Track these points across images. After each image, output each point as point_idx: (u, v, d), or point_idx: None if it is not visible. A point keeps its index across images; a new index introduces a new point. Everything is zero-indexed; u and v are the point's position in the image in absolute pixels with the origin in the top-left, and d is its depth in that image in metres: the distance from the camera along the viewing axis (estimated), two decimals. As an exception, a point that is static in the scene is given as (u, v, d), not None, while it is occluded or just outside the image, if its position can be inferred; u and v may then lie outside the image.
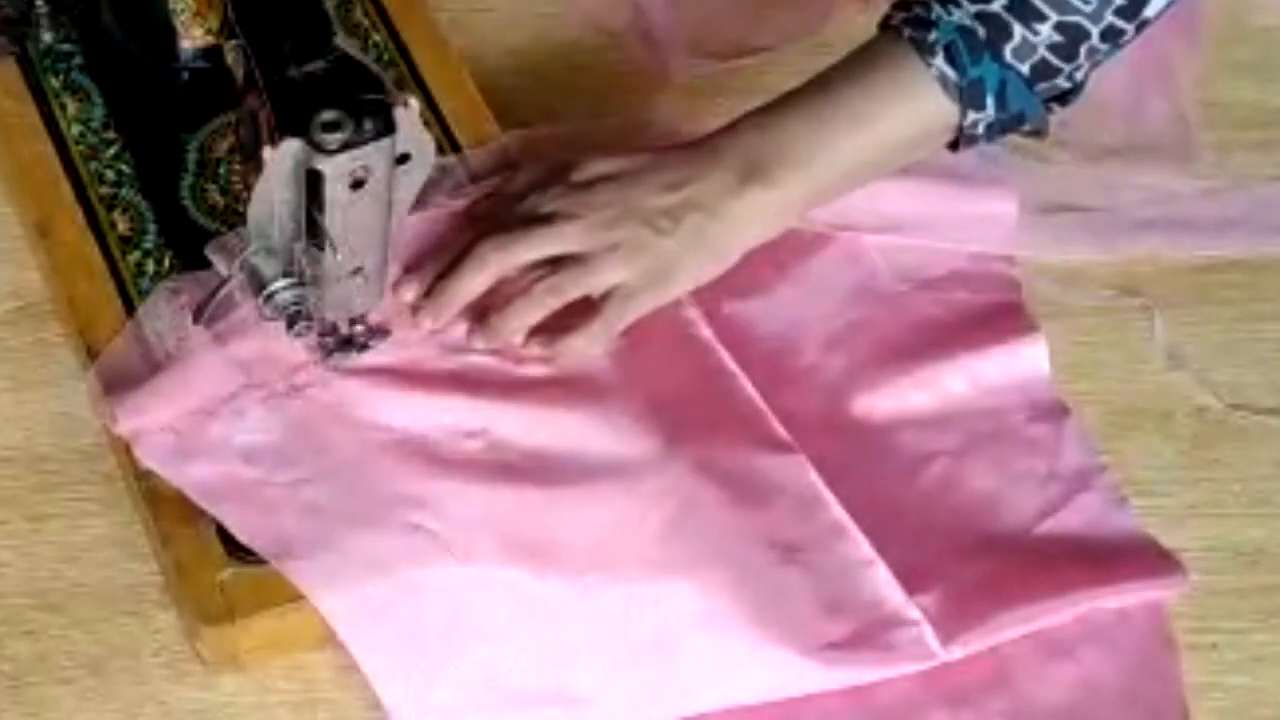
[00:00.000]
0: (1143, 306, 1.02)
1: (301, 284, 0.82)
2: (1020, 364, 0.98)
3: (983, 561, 0.90)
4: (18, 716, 0.86)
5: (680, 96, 1.09)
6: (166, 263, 0.95)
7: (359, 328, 0.90)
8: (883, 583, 0.88)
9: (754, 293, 0.99)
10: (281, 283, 0.81)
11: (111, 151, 0.99)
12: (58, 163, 0.99)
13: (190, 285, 0.93)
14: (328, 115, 0.75)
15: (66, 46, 1.03)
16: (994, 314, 1.00)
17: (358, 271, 0.83)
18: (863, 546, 0.89)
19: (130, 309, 0.93)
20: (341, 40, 0.79)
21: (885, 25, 0.92)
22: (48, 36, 1.02)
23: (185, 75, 1.01)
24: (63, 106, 1.01)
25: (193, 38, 0.99)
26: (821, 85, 0.93)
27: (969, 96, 0.89)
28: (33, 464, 0.93)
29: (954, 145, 0.93)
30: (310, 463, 0.88)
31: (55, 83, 1.02)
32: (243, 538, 0.85)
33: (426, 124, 0.80)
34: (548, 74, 1.10)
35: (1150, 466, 0.97)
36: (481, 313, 0.92)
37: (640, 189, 0.92)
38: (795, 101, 0.93)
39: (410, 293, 0.92)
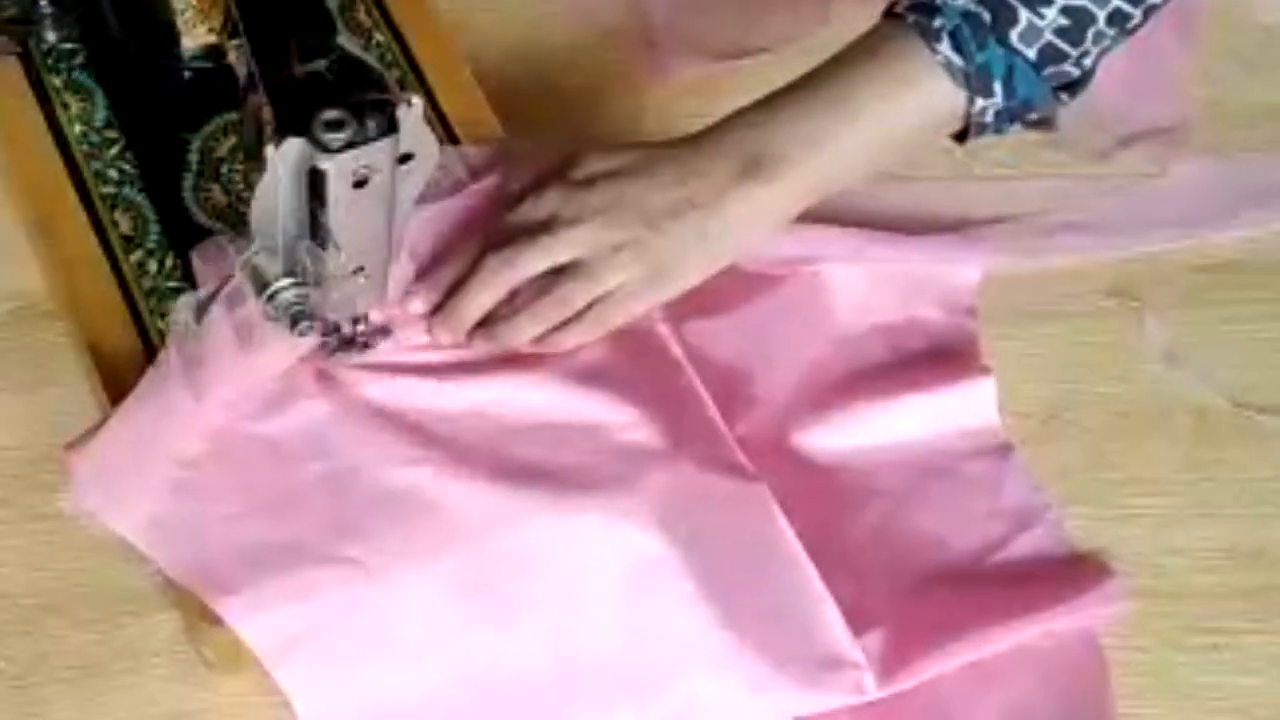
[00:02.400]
0: (1136, 306, 1.03)
1: (304, 284, 0.82)
2: (966, 404, 0.97)
3: (926, 599, 0.90)
4: (18, 716, 0.86)
5: (680, 96, 1.09)
6: (168, 262, 0.95)
7: (361, 327, 0.90)
8: (831, 622, 0.87)
9: (714, 313, 0.98)
10: (284, 282, 0.81)
11: (113, 151, 0.99)
12: (60, 162, 0.99)
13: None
14: (330, 114, 0.74)
15: (69, 45, 1.03)
16: (946, 359, 0.99)
17: (360, 271, 0.83)
18: (815, 583, 0.88)
19: (132, 308, 0.94)
20: (344, 39, 0.79)
21: (889, 12, 0.90)
22: (51, 35, 1.02)
23: (187, 74, 1.01)
24: (65, 105, 1.01)
25: (195, 37, 0.99)
26: (823, 76, 0.91)
27: (976, 83, 0.88)
28: (33, 464, 0.93)
29: (961, 136, 0.92)
30: (243, 497, 0.87)
31: (57, 82, 1.02)
32: (172, 572, 0.85)
33: (429, 123, 0.80)
34: (547, 74, 1.10)
35: (1150, 466, 0.97)
36: (485, 317, 0.92)
37: (639, 187, 0.91)
38: (796, 93, 0.91)
39: (419, 305, 0.92)
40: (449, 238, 0.95)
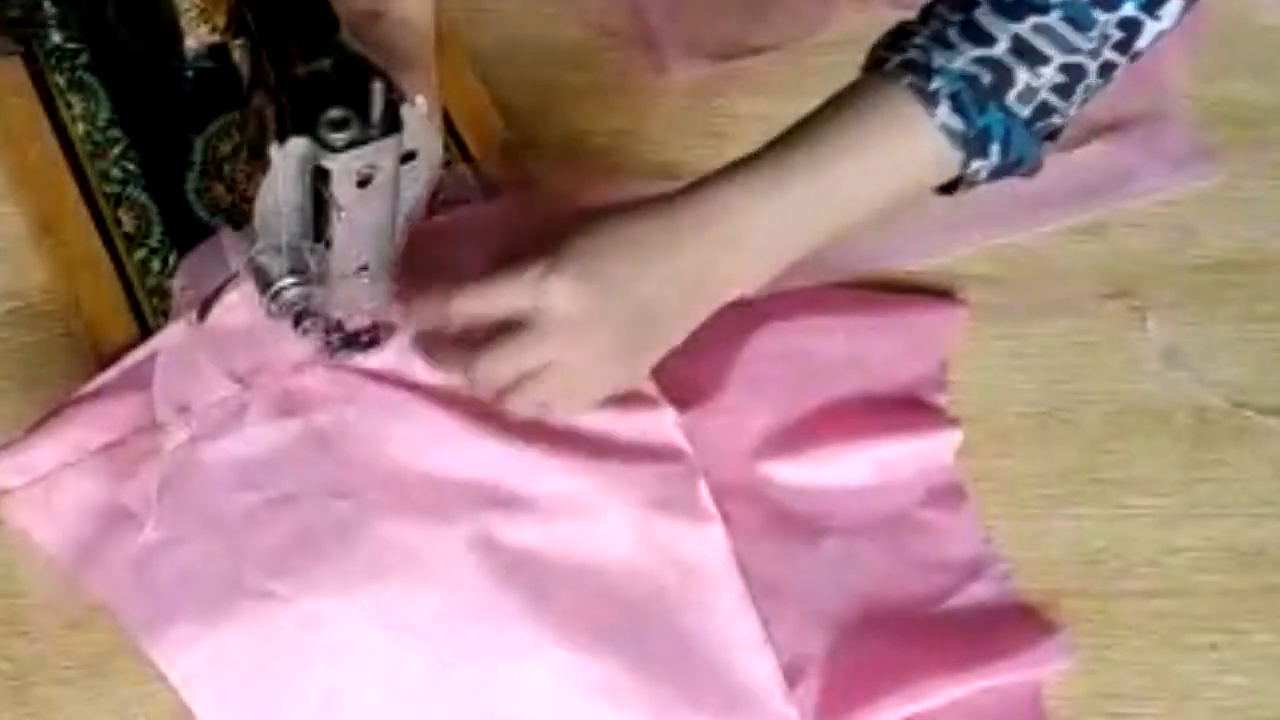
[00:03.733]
0: (1136, 306, 1.03)
1: (308, 282, 0.82)
2: (923, 451, 0.97)
3: (868, 646, 0.90)
4: (18, 717, 0.86)
5: (679, 96, 1.09)
6: (172, 260, 0.95)
7: (364, 325, 0.90)
8: (766, 675, 0.88)
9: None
10: (288, 280, 0.81)
11: (117, 150, 0.99)
12: (63, 161, 0.99)
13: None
14: (334, 113, 0.75)
15: (72, 45, 1.03)
16: (914, 407, 0.98)
17: (363, 269, 0.83)
18: (756, 630, 0.88)
19: (135, 307, 0.94)
20: (347, 38, 0.79)
21: (874, 67, 0.84)
22: (55, 36, 1.02)
23: (191, 74, 1.01)
24: (68, 105, 1.01)
25: (198, 36, 1.00)
26: (807, 143, 0.84)
27: (975, 146, 0.83)
28: (34, 463, 0.93)
29: (948, 189, 0.87)
30: (172, 523, 0.88)
31: (61, 81, 1.02)
32: (96, 595, 0.86)
33: (432, 122, 0.80)
34: (547, 75, 1.10)
35: (1150, 466, 0.97)
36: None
37: (587, 350, 0.86)
38: (777, 163, 0.84)
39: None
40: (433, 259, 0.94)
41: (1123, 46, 0.84)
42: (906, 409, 0.98)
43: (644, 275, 0.85)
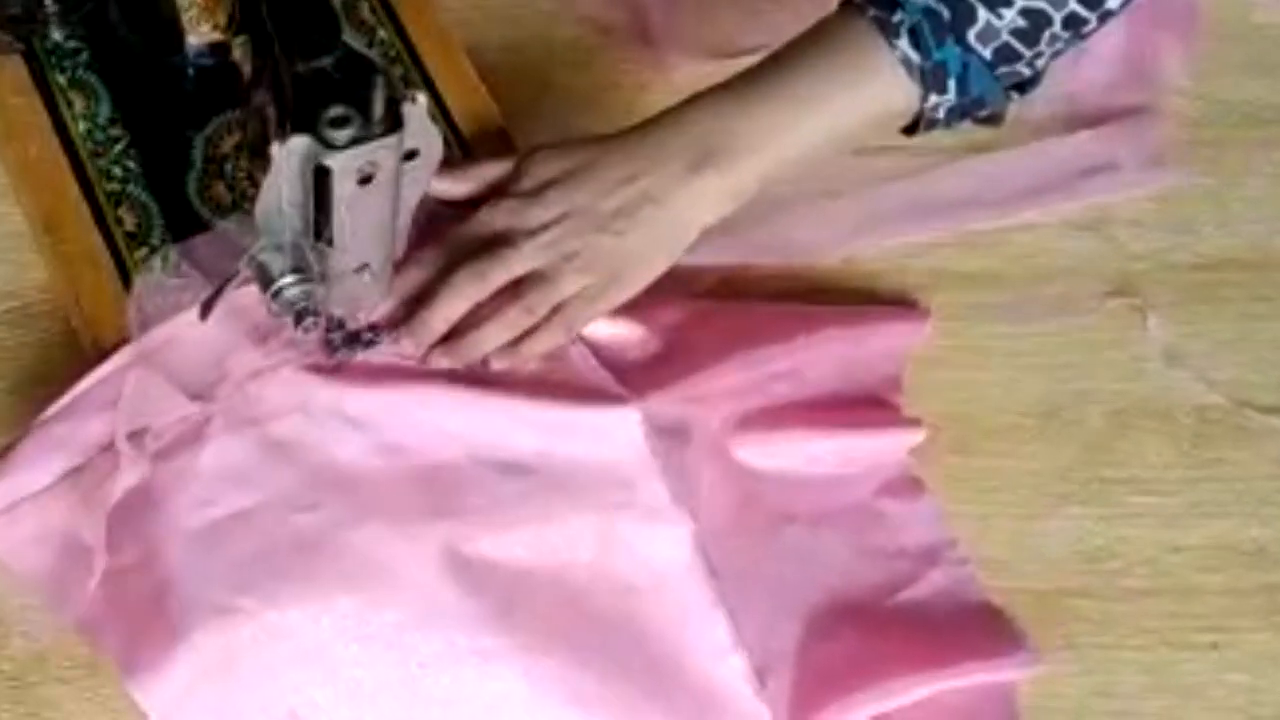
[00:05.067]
0: (1137, 306, 1.03)
1: (309, 280, 0.82)
2: (883, 444, 0.97)
3: (837, 640, 0.90)
4: (18, 716, 0.86)
5: (677, 95, 1.09)
6: (172, 259, 0.95)
7: (365, 323, 0.90)
8: (736, 674, 0.88)
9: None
10: (289, 279, 0.81)
11: (118, 148, 0.99)
12: (64, 159, 0.99)
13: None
14: (336, 111, 0.75)
15: (73, 43, 1.03)
16: (873, 406, 0.99)
17: (364, 267, 0.83)
18: (725, 633, 0.88)
19: (137, 305, 0.94)
20: (348, 36, 0.79)
21: (845, 2, 0.90)
22: (55, 34, 1.02)
23: (192, 72, 1.01)
24: (69, 103, 1.01)
25: (199, 34, 0.99)
26: (776, 66, 0.91)
27: (931, 79, 0.88)
28: (34, 463, 0.93)
29: (911, 129, 0.92)
30: (132, 549, 0.87)
31: (62, 79, 1.02)
32: (65, 622, 0.86)
33: (433, 120, 0.80)
34: (547, 72, 1.09)
35: (1151, 466, 0.97)
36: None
37: (588, 191, 0.91)
38: (749, 84, 0.91)
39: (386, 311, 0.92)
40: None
41: (1091, 2, 0.88)
42: (868, 406, 0.98)
43: (618, 166, 0.91)
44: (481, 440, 0.90)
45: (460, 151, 1.00)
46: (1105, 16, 0.89)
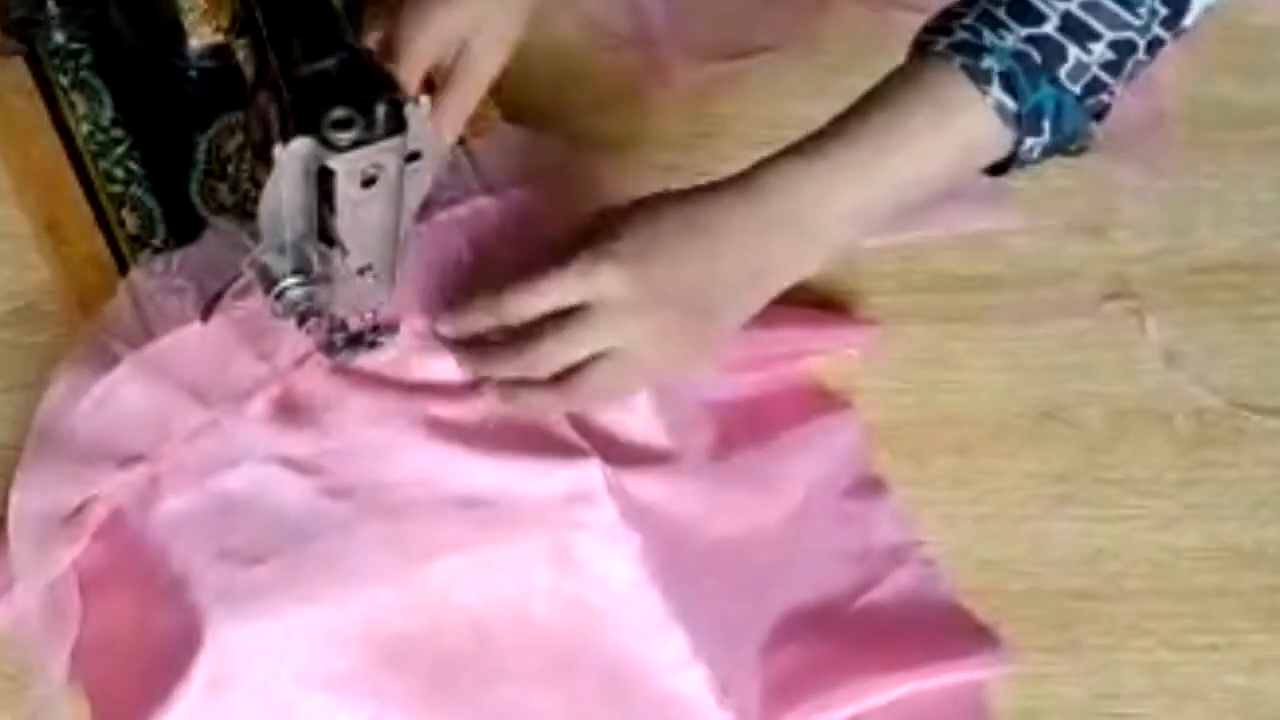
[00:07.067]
0: (1136, 308, 1.03)
1: (312, 282, 0.82)
2: (833, 442, 0.97)
3: (800, 642, 0.90)
4: (17, 717, 0.86)
5: (679, 97, 1.10)
6: (175, 260, 0.95)
7: (368, 324, 0.90)
8: (699, 688, 0.87)
9: None
10: (291, 281, 0.81)
11: (120, 150, 0.99)
12: (67, 161, 0.99)
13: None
14: (339, 113, 0.74)
15: (75, 45, 1.03)
16: (820, 395, 0.99)
17: (367, 269, 0.83)
18: (684, 645, 0.87)
19: (138, 306, 0.94)
20: (351, 37, 0.79)
21: (922, 48, 0.85)
22: (58, 36, 1.02)
23: (194, 74, 1.01)
24: (72, 105, 1.01)
25: (201, 36, 1.00)
26: (864, 123, 0.85)
27: (1028, 123, 0.83)
28: (34, 463, 0.93)
29: (999, 169, 0.87)
30: (119, 594, 0.87)
31: (64, 81, 1.02)
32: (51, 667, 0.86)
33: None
34: (546, 75, 1.09)
35: (1150, 467, 0.98)
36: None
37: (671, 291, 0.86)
38: (829, 148, 0.85)
39: (419, 325, 0.92)
40: (458, 252, 0.95)
41: (1170, 23, 0.84)
42: (815, 396, 0.98)
43: (697, 257, 0.86)
44: (440, 475, 0.89)
45: (460, 150, 1.00)
46: (1179, 35, 0.86)
